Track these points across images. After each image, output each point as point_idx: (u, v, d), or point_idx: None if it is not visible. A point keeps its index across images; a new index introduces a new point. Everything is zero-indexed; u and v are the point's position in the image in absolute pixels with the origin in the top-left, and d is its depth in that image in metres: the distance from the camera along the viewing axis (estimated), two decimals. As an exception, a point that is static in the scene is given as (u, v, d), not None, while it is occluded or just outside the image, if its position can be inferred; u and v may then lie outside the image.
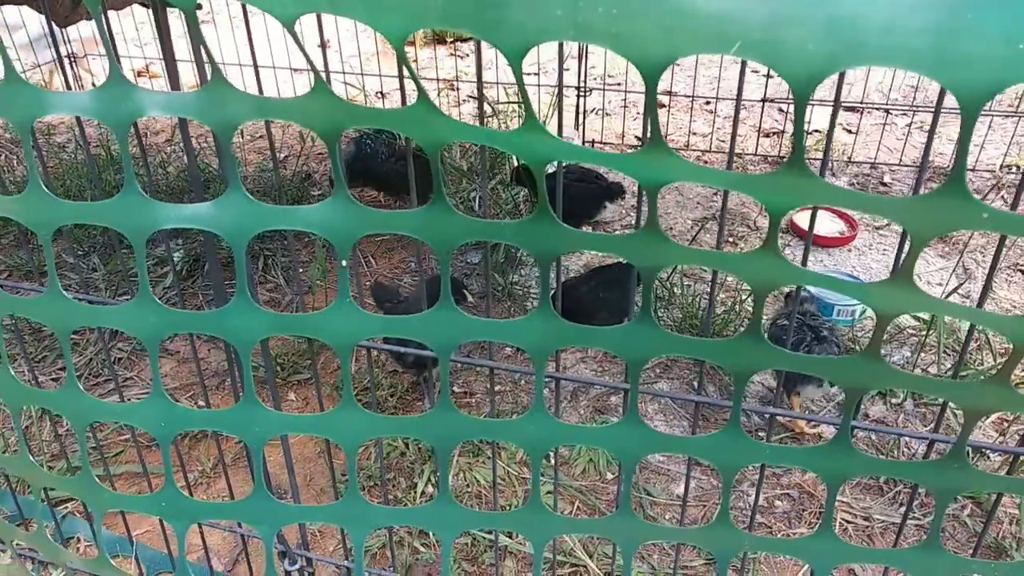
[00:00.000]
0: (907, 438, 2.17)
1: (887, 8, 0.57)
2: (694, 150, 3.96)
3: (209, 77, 0.80)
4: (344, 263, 0.89)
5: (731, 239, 3.20)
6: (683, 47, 0.62)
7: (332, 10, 0.70)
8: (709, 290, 2.70)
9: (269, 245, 3.10)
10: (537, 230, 0.83)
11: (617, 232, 3.31)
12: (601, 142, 4.05)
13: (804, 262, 0.94)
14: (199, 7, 0.88)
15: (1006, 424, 2.20)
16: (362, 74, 4.32)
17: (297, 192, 3.46)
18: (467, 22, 0.66)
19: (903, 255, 0.73)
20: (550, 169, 3.55)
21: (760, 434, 2.14)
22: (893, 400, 2.31)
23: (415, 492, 2.02)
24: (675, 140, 4.08)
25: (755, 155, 3.88)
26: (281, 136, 4.04)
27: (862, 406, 2.30)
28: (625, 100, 4.10)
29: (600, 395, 2.36)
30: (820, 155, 3.86)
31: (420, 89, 0.74)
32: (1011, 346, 0.70)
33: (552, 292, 0.91)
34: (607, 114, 4.35)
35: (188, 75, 4.26)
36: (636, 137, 4.12)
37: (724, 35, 0.60)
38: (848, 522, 1.96)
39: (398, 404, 2.32)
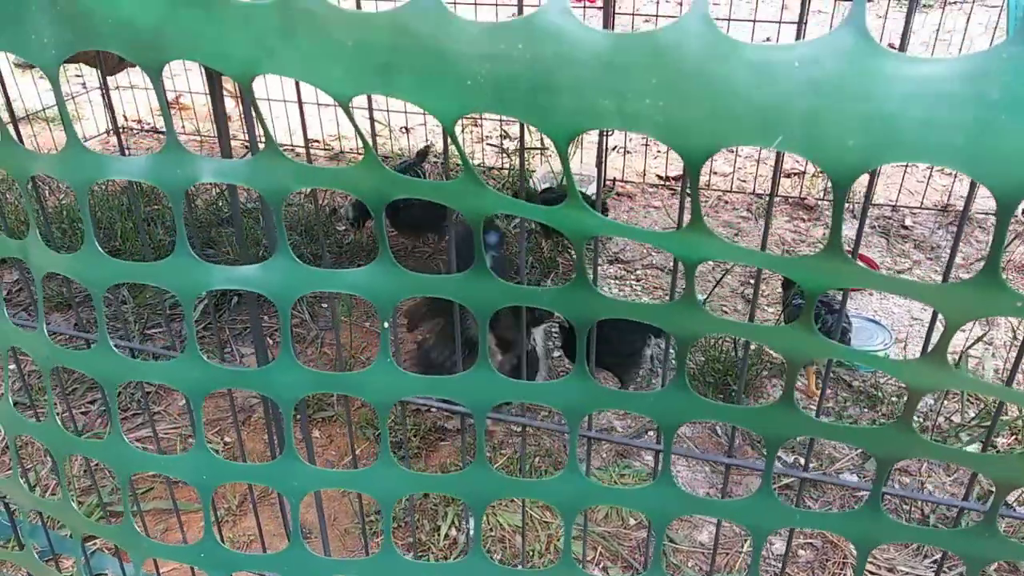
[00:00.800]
0: (934, 493, 2.16)
1: (925, 106, 0.59)
2: (714, 190, 3.99)
3: (262, 146, 0.84)
4: (386, 324, 0.92)
5: (751, 283, 3.21)
6: (727, 138, 0.64)
7: (385, 92, 0.73)
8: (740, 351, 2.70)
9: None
10: (575, 297, 0.85)
11: (638, 271, 3.34)
12: (623, 180, 4.08)
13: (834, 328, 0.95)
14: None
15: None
16: (388, 110, 4.39)
17: (324, 227, 3.52)
18: (517, 108, 0.69)
19: (932, 332, 0.75)
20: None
21: (784, 479, 2.14)
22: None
23: (439, 535, 2.03)
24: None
25: (777, 196, 3.90)
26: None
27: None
28: (646, 139, 4.14)
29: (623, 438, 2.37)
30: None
31: (467, 164, 0.77)
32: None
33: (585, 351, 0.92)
34: (628, 152, 4.39)
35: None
36: (658, 176, 4.15)
37: (767, 128, 0.62)
38: (872, 573, 1.95)
39: (421, 444, 2.34)
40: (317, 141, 4.54)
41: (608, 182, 4.00)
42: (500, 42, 0.66)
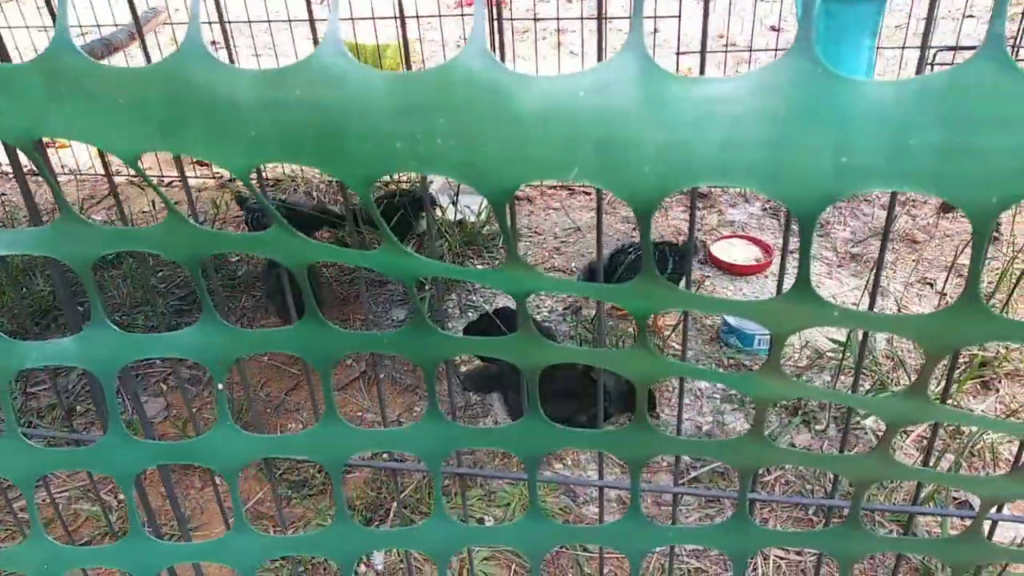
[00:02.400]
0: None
1: (719, 127, 0.58)
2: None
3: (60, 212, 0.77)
4: (220, 386, 0.86)
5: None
6: (523, 174, 0.61)
7: (170, 149, 0.68)
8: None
9: (186, 320, 3.01)
10: (418, 340, 0.82)
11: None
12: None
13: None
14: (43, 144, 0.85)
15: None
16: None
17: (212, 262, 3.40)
18: (308, 156, 0.65)
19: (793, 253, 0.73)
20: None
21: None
22: (817, 427, 2.35)
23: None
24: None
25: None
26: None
27: (790, 436, 2.33)
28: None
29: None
30: (733, 182, 3.95)
31: (275, 215, 0.72)
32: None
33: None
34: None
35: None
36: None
37: (562, 161, 0.60)
38: (781, 559, 1.97)
39: (326, 480, 2.27)
40: (206, 164, 4.40)
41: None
42: (277, 89, 0.62)
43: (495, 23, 3.98)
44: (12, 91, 0.67)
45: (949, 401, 2.32)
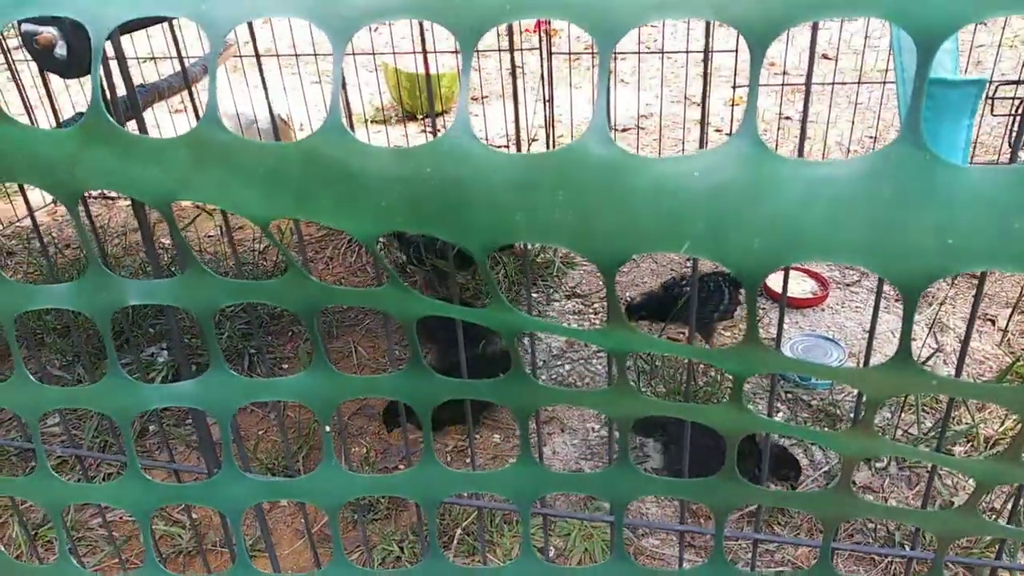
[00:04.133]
0: (896, 504, 2.18)
1: (824, 206, 0.61)
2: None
3: (188, 263, 0.83)
4: (327, 428, 0.92)
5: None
6: (635, 247, 0.65)
7: (302, 216, 0.73)
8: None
9: (253, 343, 3.10)
10: (515, 390, 0.86)
11: (595, 304, 3.35)
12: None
13: (778, 342, 0.97)
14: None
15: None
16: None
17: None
18: (433, 225, 0.70)
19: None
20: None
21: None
22: (878, 464, 2.34)
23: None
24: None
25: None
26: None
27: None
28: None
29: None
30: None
31: (390, 271, 0.77)
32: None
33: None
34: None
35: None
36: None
37: (674, 235, 0.64)
38: (845, 598, 1.97)
39: (391, 504, 2.32)
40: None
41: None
42: (408, 166, 0.67)
43: (546, 55, 4.04)
44: (161, 162, 0.73)
45: None
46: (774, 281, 3.28)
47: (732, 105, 4.52)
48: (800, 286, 3.26)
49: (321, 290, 0.83)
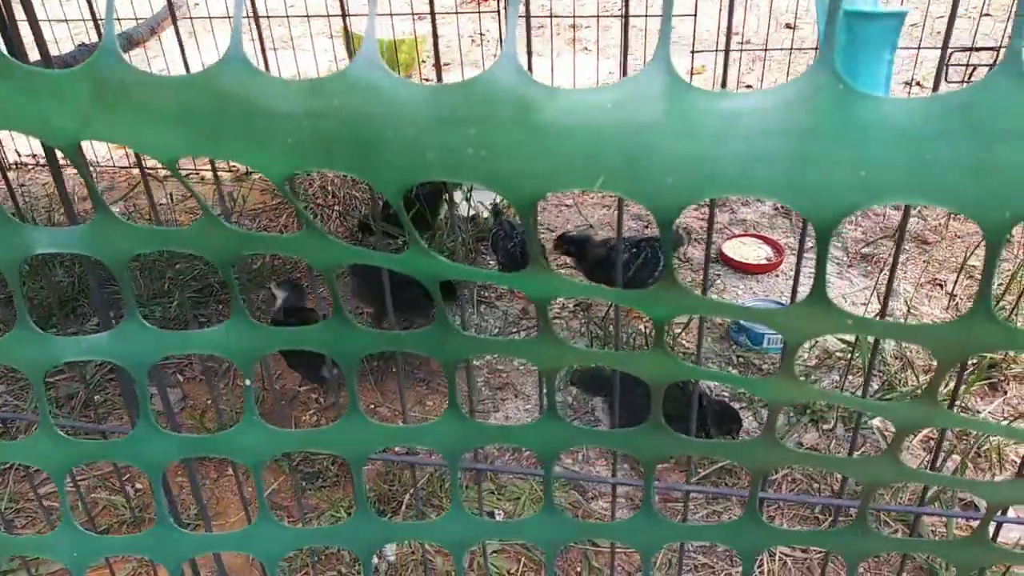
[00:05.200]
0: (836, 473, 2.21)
1: (742, 140, 0.60)
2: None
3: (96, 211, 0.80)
4: (247, 382, 0.89)
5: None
6: (550, 183, 0.63)
7: (213, 154, 0.70)
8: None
9: (203, 312, 3.05)
10: (440, 339, 0.84)
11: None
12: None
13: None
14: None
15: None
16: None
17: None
18: (345, 163, 0.67)
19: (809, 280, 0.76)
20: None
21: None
22: (825, 427, 2.37)
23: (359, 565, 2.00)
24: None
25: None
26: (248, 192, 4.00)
27: (798, 434, 2.35)
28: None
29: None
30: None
31: (304, 217, 0.75)
32: (935, 363, 0.73)
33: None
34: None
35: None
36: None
37: (588, 171, 0.62)
38: (787, 555, 2.00)
39: (340, 472, 2.30)
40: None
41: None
42: (316, 99, 0.64)
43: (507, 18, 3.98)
44: (60, 97, 0.69)
45: (957, 403, 2.33)
46: (729, 248, 3.30)
47: (691, 74, 4.51)
48: (755, 252, 3.28)
49: (237, 237, 0.80)
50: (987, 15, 5.27)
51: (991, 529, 1.38)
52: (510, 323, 2.99)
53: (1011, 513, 1.08)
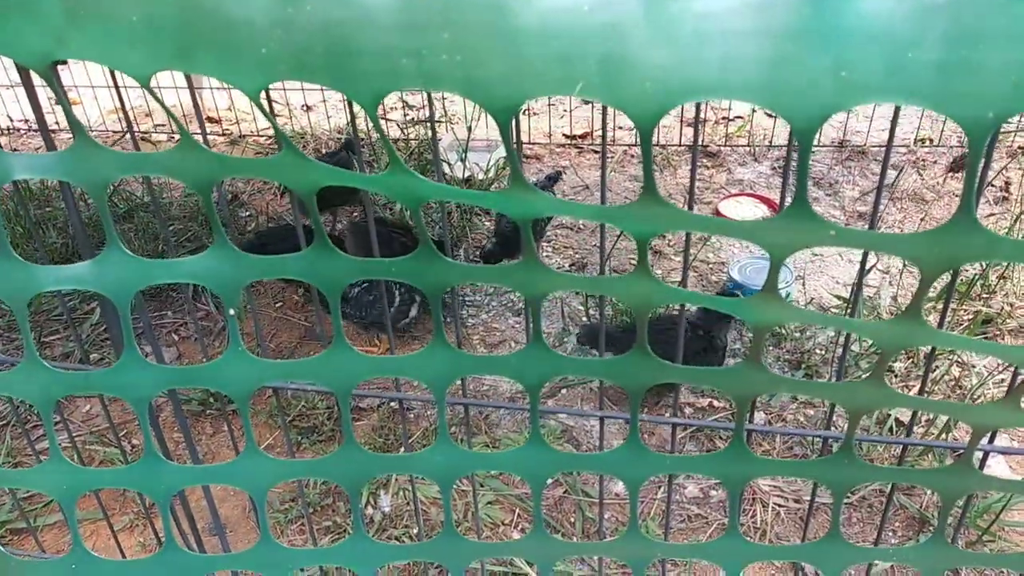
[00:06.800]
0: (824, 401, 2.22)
1: (719, 43, 0.59)
2: (620, 145, 4.01)
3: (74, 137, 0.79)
4: (231, 311, 0.89)
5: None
6: (529, 90, 0.62)
7: (185, 68, 0.69)
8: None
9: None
10: (424, 267, 0.83)
11: (547, 232, 3.33)
12: (529, 142, 4.06)
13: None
14: (60, 64, 0.87)
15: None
16: (284, 89, 4.27)
17: (230, 213, 3.42)
18: (318, 74, 0.66)
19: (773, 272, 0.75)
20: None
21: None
22: (819, 381, 2.37)
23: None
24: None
25: (680, 145, 3.93)
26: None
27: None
28: (549, 99, 4.13)
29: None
30: (743, 141, 3.94)
31: (283, 137, 0.74)
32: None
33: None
34: (534, 113, 4.37)
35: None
36: (564, 135, 4.15)
37: (565, 76, 0.61)
38: (780, 506, 2.01)
39: (335, 427, 2.31)
40: (216, 121, 4.40)
41: (514, 144, 3.97)
42: (288, 7, 0.63)
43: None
44: (31, 14, 0.68)
45: (949, 351, 2.33)
46: (727, 207, 3.29)
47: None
48: (752, 211, 3.27)
49: (216, 160, 0.79)
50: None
51: (977, 458, 1.39)
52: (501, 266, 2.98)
53: (997, 442, 1.09)
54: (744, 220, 0.69)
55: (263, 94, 0.71)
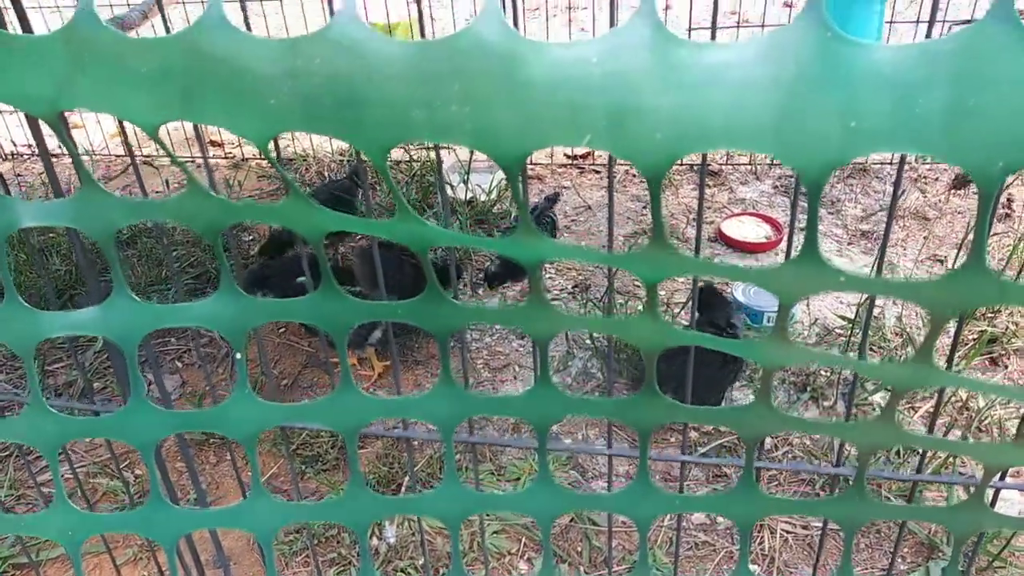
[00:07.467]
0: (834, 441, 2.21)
1: (728, 92, 0.59)
2: (622, 165, 4.01)
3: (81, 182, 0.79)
4: (238, 355, 0.88)
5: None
6: (536, 140, 0.62)
7: (190, 118, 0.69)
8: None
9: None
10: (429, 308, 0.83)
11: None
12: (531, 163, 4.07)
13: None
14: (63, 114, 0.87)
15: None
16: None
17: (233, 238, 3.42)
18: (326, 125, 0.66)
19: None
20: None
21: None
22: (825, 403, 2.36)
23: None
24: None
25: (682, 164, 3.94)
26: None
27: (798, 411, 2.34)
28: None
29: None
30: (744, 159, 3.94)
31: (290, 184, 0.74)
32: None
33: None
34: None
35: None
36: (565, 155, 4.16)
37: (574, 127, 0.61)
38: (788, 532, 1.99)
39: (339, 455, 2.29)
40: (218, 144, 4.41)
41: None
42: (297, 58, 0.63)
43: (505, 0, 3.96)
44: (37, 62, 0.68)
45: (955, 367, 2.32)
46: (730, 227, 3.29)
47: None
48: (754, 231, 3.27)
49: (223, 207, 0.79)
50: (986, -9, 5.23)
51: (989, 495, 1.38)
52: (508, 307, 2.97)
53: (1009, 480, 1.08)
54: (753, 266, 0.69)
55: (271, 143, 0.71)
